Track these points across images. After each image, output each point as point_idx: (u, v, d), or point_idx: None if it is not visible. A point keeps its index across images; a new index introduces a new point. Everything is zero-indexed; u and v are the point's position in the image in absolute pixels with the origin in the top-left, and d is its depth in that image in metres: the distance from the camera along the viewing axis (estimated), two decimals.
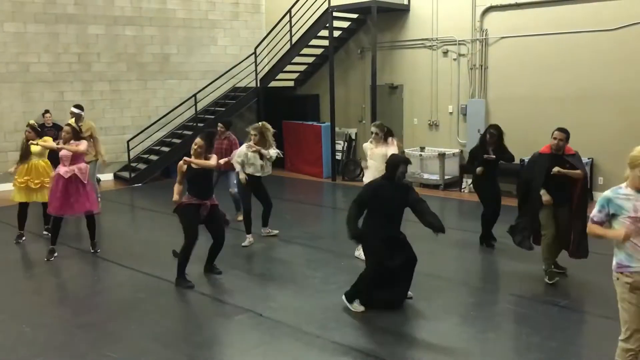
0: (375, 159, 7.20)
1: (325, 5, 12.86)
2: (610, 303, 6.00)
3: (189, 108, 13.99)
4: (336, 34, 13.48)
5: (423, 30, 12.57)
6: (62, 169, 7.54)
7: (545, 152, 6.42)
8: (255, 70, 14.28)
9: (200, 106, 14.03)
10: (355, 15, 13.43)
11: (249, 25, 15.68)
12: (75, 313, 5.98)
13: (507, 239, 7.89)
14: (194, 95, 13.78)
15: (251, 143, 7.97)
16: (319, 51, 14.11)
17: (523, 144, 9.67)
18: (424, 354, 4.96)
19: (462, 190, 11.79)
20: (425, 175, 12.18)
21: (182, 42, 14.60)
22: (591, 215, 3.99)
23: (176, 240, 8.21)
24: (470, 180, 11.74)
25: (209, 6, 14.97)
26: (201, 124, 13.85)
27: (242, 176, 8.01)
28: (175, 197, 6.60)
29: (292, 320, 5.58)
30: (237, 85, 14.35)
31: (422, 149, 12.53)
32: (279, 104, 14.80)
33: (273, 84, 14.51)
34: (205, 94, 14.10)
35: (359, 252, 7.07)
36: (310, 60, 14.51)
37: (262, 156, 7.96)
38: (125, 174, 13.44)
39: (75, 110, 9.90)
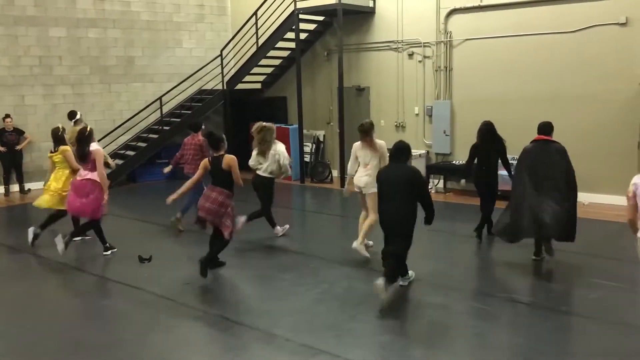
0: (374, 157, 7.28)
1: (291, 8, 12.85)
2: (572, 299, 6.16)
3: (155, 111, 13.82)
4: (302, 36, 13.49)
5: (388, 33, 12.67)
6: (92, 174, 7.58)
7: None
8: (222, 72, 14.19)
9: (165, 109, 13.87)
10: (321, 18, 13.45)
11: (215, 27, 15.57)
12: (37, 322, 5.83)
13: (468, 236, 8.02)
14: (159, 99, 13.62)
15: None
16: (285, 53, 14.10)
17: None
18: (392, 355, 4.98)
19: (430, 190, 11.90)
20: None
21: (146, 45, 14.42)
22: None
23: (141, 246, 8.12)
24: (437, 182, 11.92)
25: (174, 8, 14.81)
26: (167, 127, 13.69)
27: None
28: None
29: (261, 324, 5.55)
30: (204, 88, 14.24)
31: (389, 150, 12.59)
32: (246, 106, 14.74)
33: (240, 86, 14.44)
34: (171, 97, 13.95)
35: (360, 246, 7.34)
36: (277, 62, 14.49)
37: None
38: None
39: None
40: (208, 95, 14.19)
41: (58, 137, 8.12)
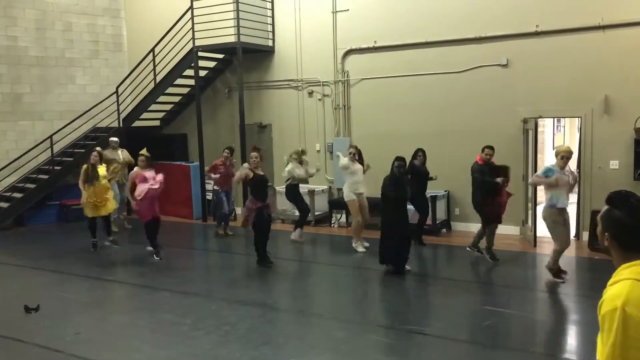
0: (356, 172, 9.69)
1: (190, 45, 12.75)
2: (468, 328, 6.38)
3: (45, 150, 13.08)
4: (202, 73, 13.38)
5: (288, 71, 12.87)
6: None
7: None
8: (118, 109, 13.73)
9: (57, 148, 13.17)
10: (221, 55, 13.44)
11: (110, 63, 15.11)
12: None
13: (374, 266, 8.13)
14: (50, 137, 12.93)
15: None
16: (185, 90, 13.92)
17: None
18: None
19: (332, 225, 12.05)
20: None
21: (36, 81, 13.71)
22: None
23: (29, 294, 7.56)
24: (340, 216, 12.09)
25: (66, 44, 14.25)
26: (58, 167, 13.00)
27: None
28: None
29: None
30: (98, 126, 13.69)
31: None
32: (145, 144, 14.24)
33: (137, 123, 14.03)
34: (63, 135, 13.29)
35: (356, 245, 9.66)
36: (177, 99, 14.25)
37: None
38: None
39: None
40: (103, 133, 13.63)
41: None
